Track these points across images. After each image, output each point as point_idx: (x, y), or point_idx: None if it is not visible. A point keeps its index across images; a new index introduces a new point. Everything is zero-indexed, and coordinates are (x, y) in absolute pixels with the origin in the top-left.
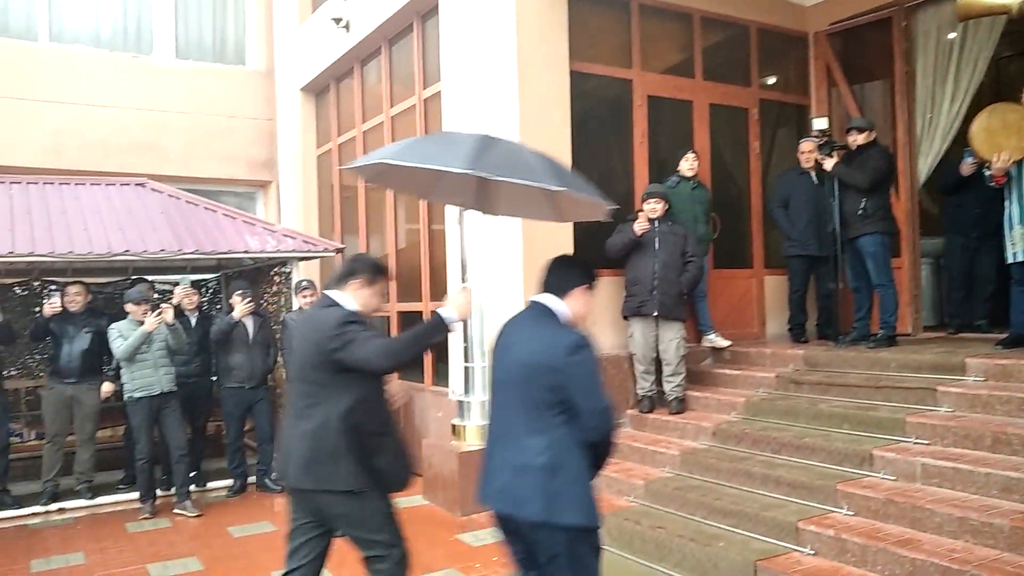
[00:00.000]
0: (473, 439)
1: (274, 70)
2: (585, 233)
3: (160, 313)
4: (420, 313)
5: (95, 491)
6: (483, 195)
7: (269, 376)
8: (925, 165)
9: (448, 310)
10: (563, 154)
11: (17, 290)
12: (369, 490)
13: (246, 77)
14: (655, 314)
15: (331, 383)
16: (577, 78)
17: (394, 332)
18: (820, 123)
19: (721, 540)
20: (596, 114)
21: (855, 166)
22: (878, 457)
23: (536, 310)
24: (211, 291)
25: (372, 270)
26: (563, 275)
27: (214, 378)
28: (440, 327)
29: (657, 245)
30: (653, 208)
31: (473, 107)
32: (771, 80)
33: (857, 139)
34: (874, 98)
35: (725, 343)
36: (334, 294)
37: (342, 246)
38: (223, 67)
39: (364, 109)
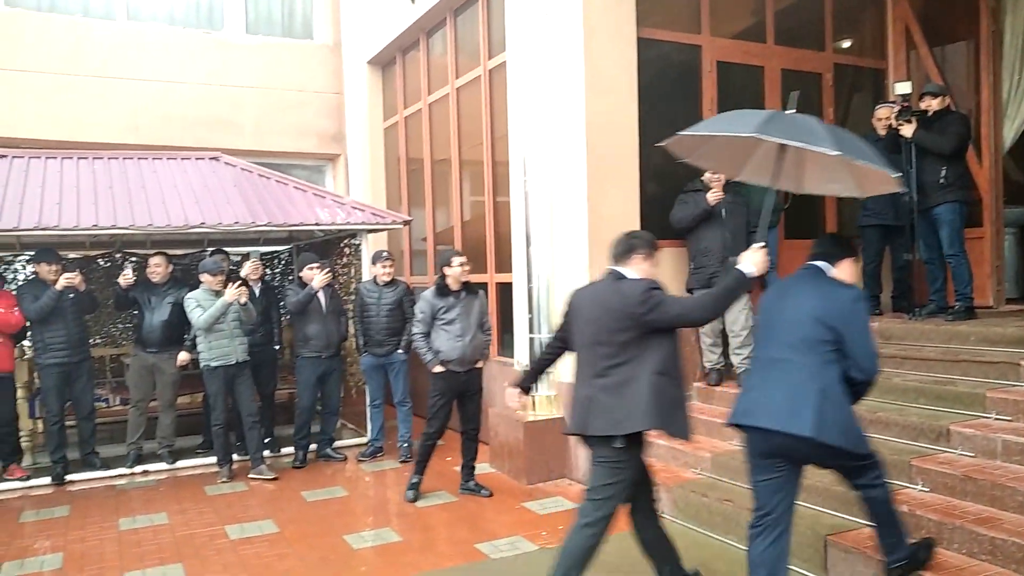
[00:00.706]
0: (540, 409)
1: (341, 43)
2: (649, 204)
3: (241, 284)
4: (485, 284)
5: (175, 455)
6: (779, 171)
7: (343, 345)
8: (1011, 130)
9: (746, 265)
10: (629, 122)
11: (101, 262)
12: (658, 429)
13: (314, 51)
14: None
15: (637, 344)
16: (644, 45)
17: None
18: (903, 87)
19: None
20: (664, 81)
21: (934, 133)
22: (956, 433)
23: (813, 271)
24: (283, 263)
25: (650, 245)
26: (832, 248)
27: (277, 347)
28: (743, 282)
29: (724, 215)
30: (718, 176)
31: (539, 76)
32: (846, 44)
33: (931, 104)
34: (956, 60)
35: None
36: (620, 268)
37: (409, 218)
38: (292, 42)
39: (430, 81)
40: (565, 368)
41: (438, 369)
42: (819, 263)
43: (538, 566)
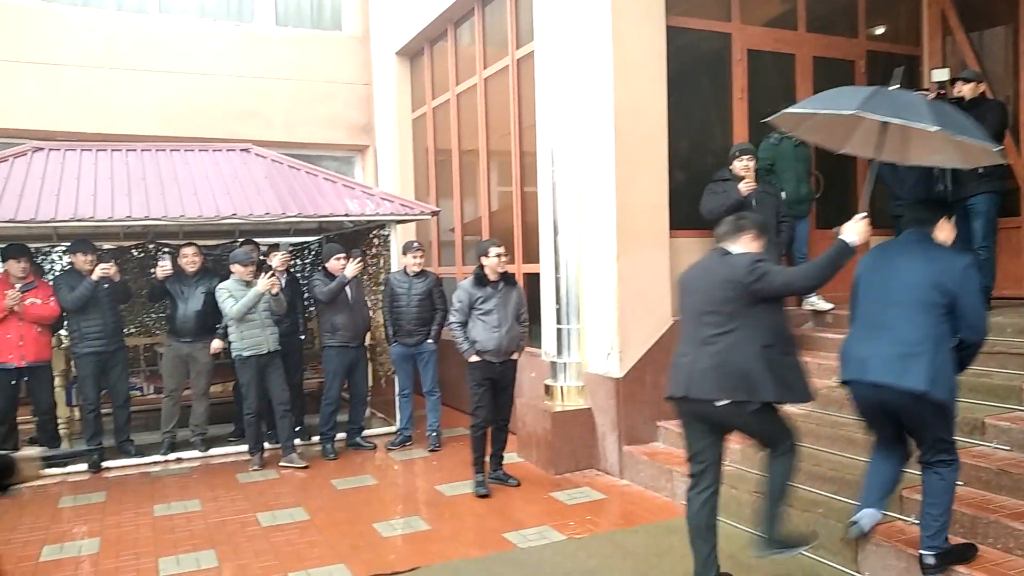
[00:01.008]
0: (568, 399)
1: (370, 34)
2: (677, 193)
3: (273, 274)
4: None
5: (208, 443)
6: (883, 144)
7: (367, 335)
8: None
9: (849, 235)
10: (658, 111)
11: (134, 252)
12: (777, 401)
13: (343, 42)
14: None
15: (744, 313)
16: (673, 33)
17: None
18: (940, 75)
19: (821, 506)
20: (693, 70)
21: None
22: (991, 426)
23: (919, 237)
24: (313, 253)
25: (759, 227)
26: (926, 213)
27: (302, 336)
28: (846, 251)
29: (755, 205)
30: (747, 166)
31: (567, 65)
32: (880, 30)
33: (964, 91)
34: (994, 46)
35: (827, 306)
36: (727, 246)
37: (437, 209)
38: (321, 33)
39: (457, 71)
40: (593, 358)
41: (474, 359)
42: (920, 229)
43: (566, 555)
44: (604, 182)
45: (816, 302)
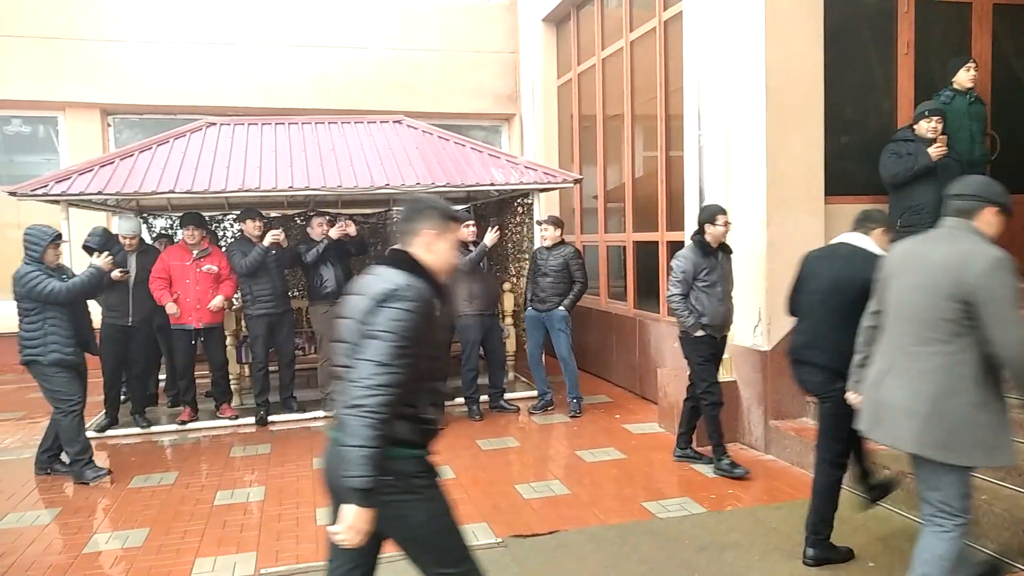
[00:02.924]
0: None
1: (517, 2)
2: (834, 157)
3: None
4: (656, 243)
5: None
6: None
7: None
8: None
9: None
10: (813, 70)
11: (297, 220)
12: None
13: (490, 11)
14: None
15: None
16: None
17: (629, 263)
18: None
19: (984, 493)
20: (853, 23)
21: None
22: None
23: None
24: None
25: None
26: None
27: None
28: None
29: (939, 172)
30: (935, 127)
31: (716, 23)
32: None
33: None
34: None
35: None
36: None
37: (580, 176)
38: (469, 3)
39: (603, 36)
40: (740, 330)
41: (699, 333)
42: None
43: (705, 528)
44: (754, 145)
45: None
